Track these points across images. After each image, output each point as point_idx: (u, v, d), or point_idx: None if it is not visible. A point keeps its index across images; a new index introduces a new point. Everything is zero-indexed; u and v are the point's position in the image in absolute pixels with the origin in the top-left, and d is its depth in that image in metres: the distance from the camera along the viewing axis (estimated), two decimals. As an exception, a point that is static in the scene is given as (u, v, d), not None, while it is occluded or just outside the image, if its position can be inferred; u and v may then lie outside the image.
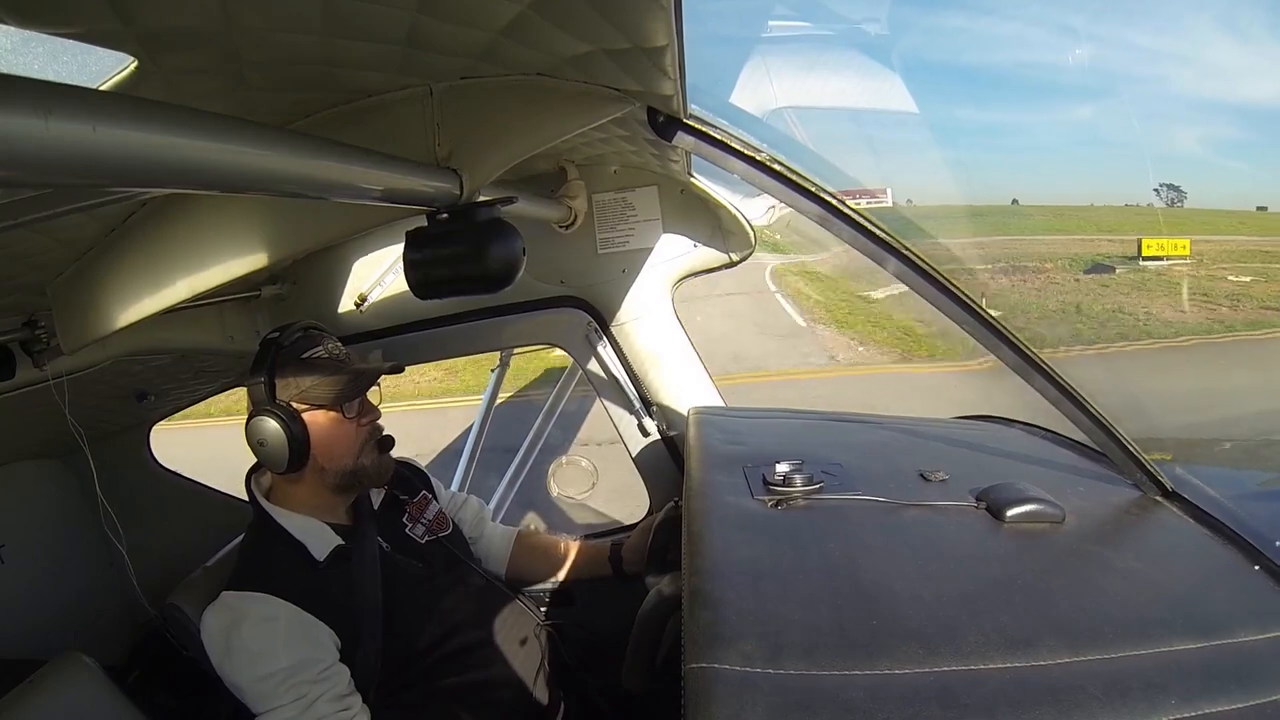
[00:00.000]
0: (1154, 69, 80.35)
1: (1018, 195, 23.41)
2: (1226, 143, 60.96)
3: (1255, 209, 25.59)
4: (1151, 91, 65.53)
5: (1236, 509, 0.98)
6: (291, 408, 1.15)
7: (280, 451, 1.14)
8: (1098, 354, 9.09)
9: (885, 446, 1.29)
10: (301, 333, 1.21)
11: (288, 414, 1.14)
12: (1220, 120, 62.01)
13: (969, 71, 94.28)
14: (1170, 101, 66.19)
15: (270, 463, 1.17)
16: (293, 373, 1.16)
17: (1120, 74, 53.28)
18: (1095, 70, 51.77)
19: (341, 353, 1.23)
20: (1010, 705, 0.61)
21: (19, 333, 1.06)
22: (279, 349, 1.17)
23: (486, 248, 0.86)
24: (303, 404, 1.16)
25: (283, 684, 1.02)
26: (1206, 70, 77.84)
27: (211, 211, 0.91)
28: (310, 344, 1.20)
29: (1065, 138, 61.87)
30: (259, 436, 1.14)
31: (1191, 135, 56.57)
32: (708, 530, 0.89)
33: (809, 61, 12.26)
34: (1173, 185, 25.37)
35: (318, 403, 1.17)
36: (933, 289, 0.99)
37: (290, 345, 1.18)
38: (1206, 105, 68.26)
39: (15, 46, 0.54)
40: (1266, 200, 28.66)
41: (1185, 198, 24.42)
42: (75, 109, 0.35)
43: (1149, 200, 25.80)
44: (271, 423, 1.13)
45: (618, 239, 1.63)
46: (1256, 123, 55.17)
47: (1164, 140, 44.51)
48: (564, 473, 2.16)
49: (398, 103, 0.85)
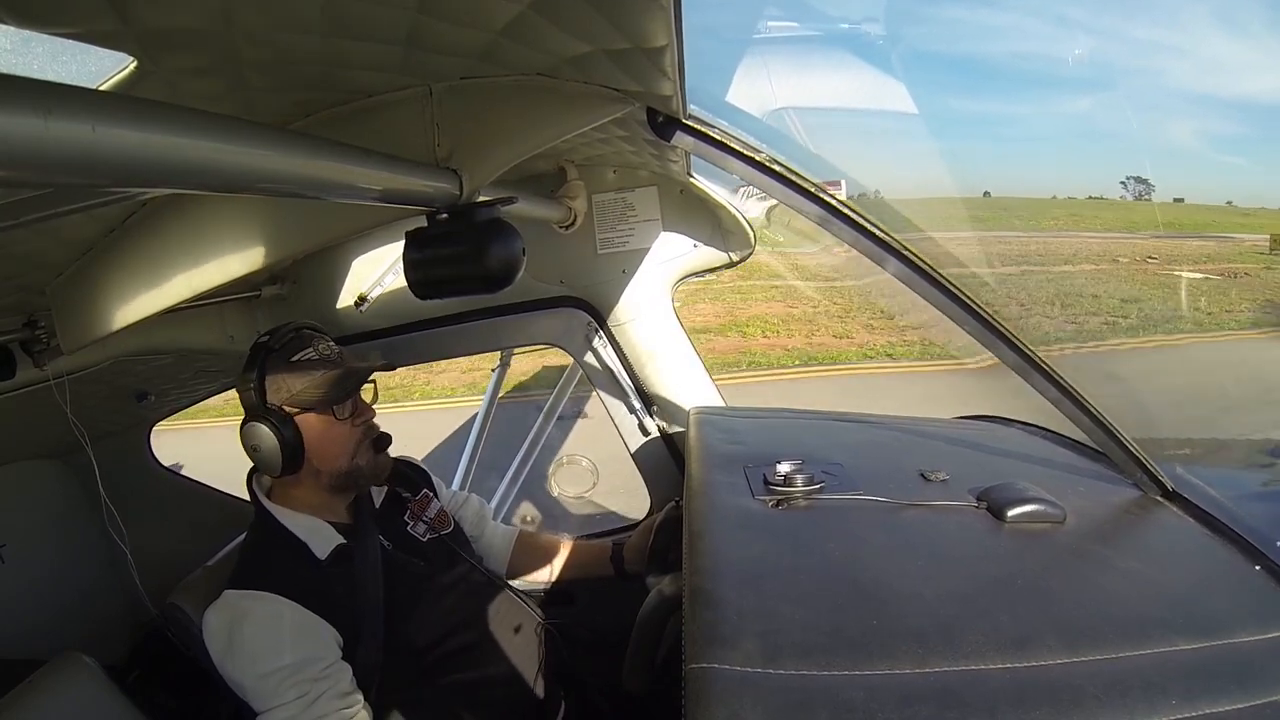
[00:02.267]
0: (1143, 62, 79.76)
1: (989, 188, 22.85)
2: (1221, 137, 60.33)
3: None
4: (1137, 84, 64.68)
5: (1237, 509, 0.98)
6: (283, 411, 1.15)
7: (274, 456, 1.14)
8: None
9: (886, 446, 1.29)
10: (293, 334, 1.20)
11: (279, 418, 1.14)
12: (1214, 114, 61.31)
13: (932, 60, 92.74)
14: (1153, 95, 65.18)
15: (265, 467, 1.17)
16: (283, 376, 1.16)
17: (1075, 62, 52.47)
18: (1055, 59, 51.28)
19: (334, 353, 1.22)
20: (1010, 705, 0.61)
21: (19, 333, 1.06)
22: (268, 353, 1.17)
23: (486, 248, 0.86)
24: (294, 407, 1.16)
25: (285, 681, 1.02)
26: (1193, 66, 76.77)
27: (211, 211, 0.91)
28: (301, 346, 1.19)
29: (1037, 130, 60.96)
30: (252, 442, 1.14)
31: (1185, 129, 56.07)
32: (708, 530, 0.89)
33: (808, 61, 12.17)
34: (1140, 178, 24.94)
35: (308, 405, 1.16)
36: (932, 289, 0.99)
37: (280, 348, 1.18)
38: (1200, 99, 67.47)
39: (15, 46, 0.54)
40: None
41: (1153, 190, 24.05)
42: (75, 109, 0.35)
43: (1119, 193, 25.27)
44: (263, 428, 1.13)
45: (617, 239, 1.63)
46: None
47: (1148, 134, 44.05)
48: (564, 472, 2.16)
49: (397, 103, 0.85)
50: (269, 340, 1.19)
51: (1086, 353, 7.61)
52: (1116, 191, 24.64)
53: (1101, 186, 26.05)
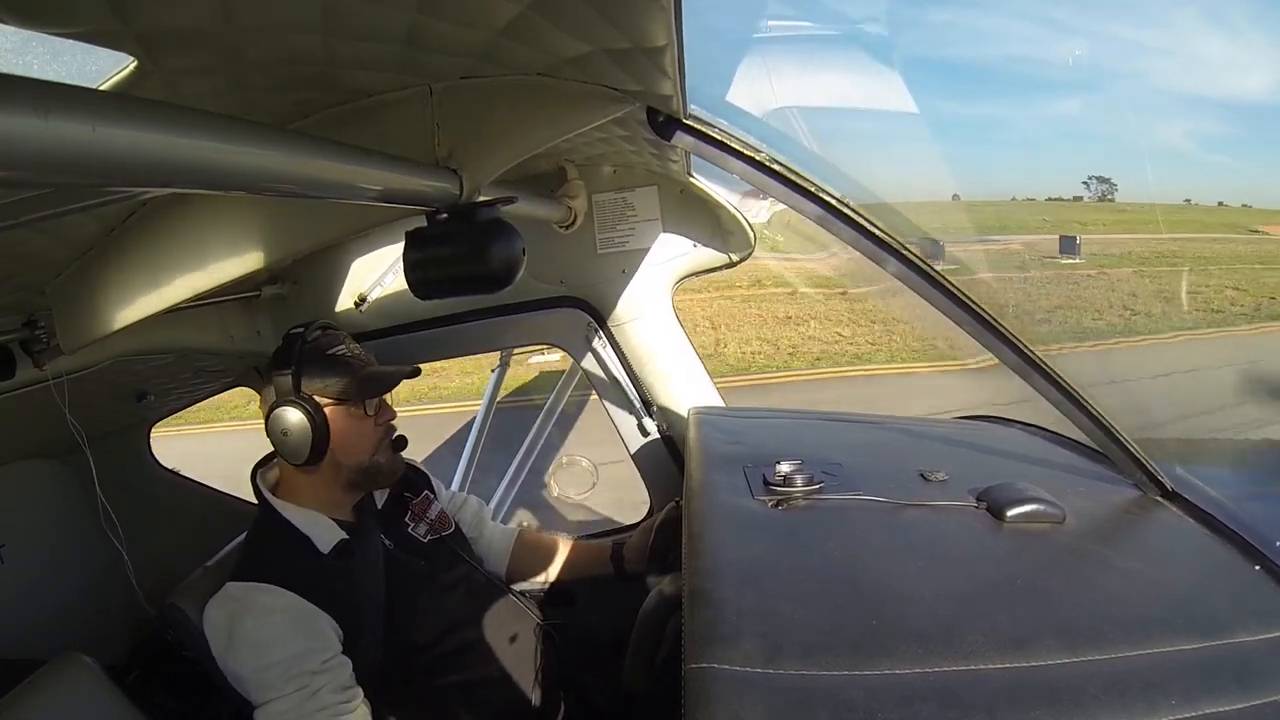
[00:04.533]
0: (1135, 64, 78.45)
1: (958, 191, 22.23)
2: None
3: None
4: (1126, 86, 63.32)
5: (1236, 509, 0.98)
6: (315, 400, 1.17)
7: (302, 442, 1.15)
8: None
9: (885, 446, 1.29)
10: (320, 331, 1.24)
11: (313, 405, 1.16)
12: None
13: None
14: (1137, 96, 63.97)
15: (290, 453, 1.17)
16: (318, 367, 1.18)
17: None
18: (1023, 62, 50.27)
19: (361, 352, 1.26)
20: (1010, 705, 0.61)
21: (19, 333, 1.06)
22: (304, 343, 1.19)
23: (486, 248, 0.86)
24: (326, 398, 1.18)
25: (285, 673, 1.02)
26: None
27: (211, 211, 0.91)
28: (332, 342, 1.23)
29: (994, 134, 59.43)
30: (283, 426, 1.15)
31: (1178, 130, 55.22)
32: (708, 530, 0.89)
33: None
34: (1102, 178, 24.44)
35: (341, 398, 1.19)
36: (932, 289, 0.99)
37: (314, 340, 1.21)
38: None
39: (15, 46, 0.54)
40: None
41: (1116, 190, 23.48)
42: (74, 109, 0.35)
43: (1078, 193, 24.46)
44: (297, 413, 1.14)
45: (617, 239, 1.63)
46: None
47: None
48: (564, 473, 2.16)
49: (397, 103, 0.85)
50: (304, 331, 1.21)
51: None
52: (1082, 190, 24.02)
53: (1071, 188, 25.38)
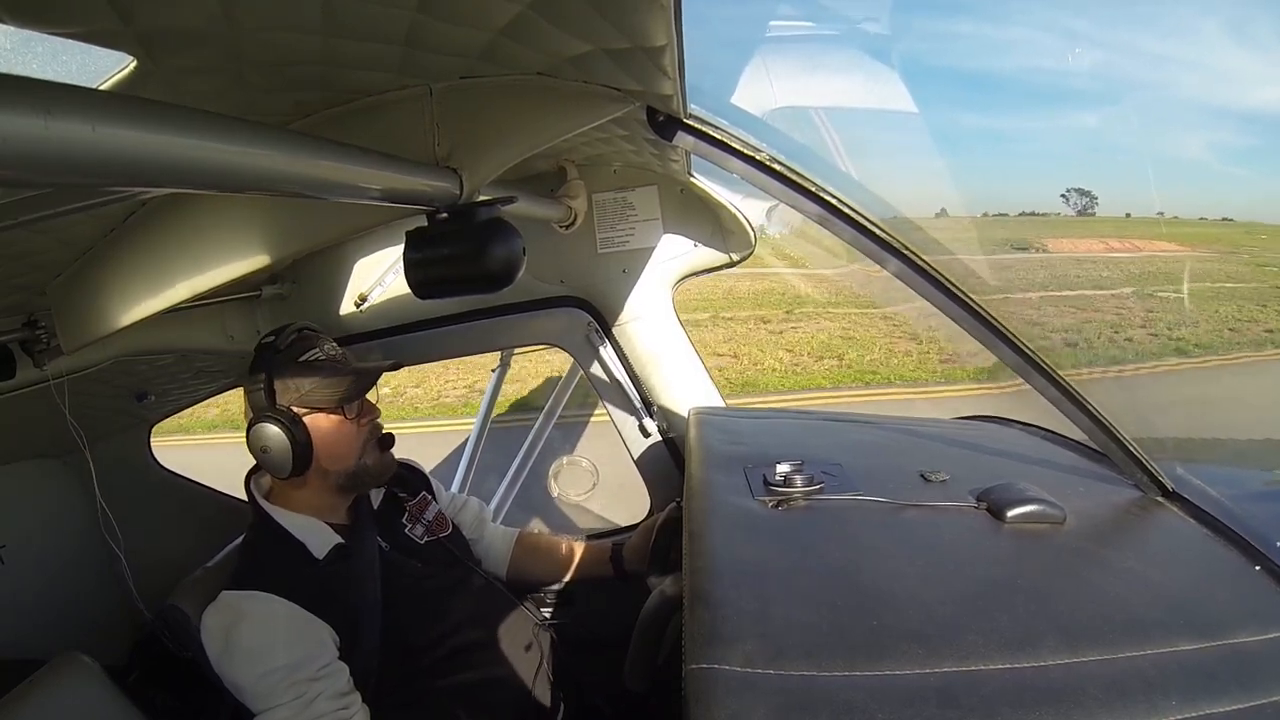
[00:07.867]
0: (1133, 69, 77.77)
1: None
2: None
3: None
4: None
5: (1237, 509, 0.98)
6: (292, 412, 1.15)
7: (284, 457, 1.13)
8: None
9: (885, 447, 1.29)
10: (296, 334, 1.20)
11: (289, 419, 1.14)
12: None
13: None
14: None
15: (273, 468, 1.16)
16: (291, 376, 1.16)
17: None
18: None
19: (338, 353, 1.22)
20: (1010, 705, 0.61)
21: (19, 333, 1.06)
22: (275, 352, 1.17)
23: (486, 248, 0.86)
24: (303, 407, 1.16)
25: (282, 682, 1.02)
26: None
27: (211, 211, 0.91)
28: (306, 346, 1.19)
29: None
30: (261, 443, 1.13)
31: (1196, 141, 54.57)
32: (708, 531, 0.89)
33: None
34: (1083, 190, 23.82)
35: (319, 405, 1.16)
36: (933, 289, 0.99)
37: (287, 348, 1.17)
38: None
39: (15, 46, 0.54)
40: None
41: (1097, 203, 22.66)
42: (75, 109, 0.35)
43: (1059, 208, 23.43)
44: (274, 429, 1.12)
45: (618, 239, 1.63)
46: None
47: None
48: (565, 473, 2.16)
49: (397, 102, 0.85)
50: (275, 340, 1.18)
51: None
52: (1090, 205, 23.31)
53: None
